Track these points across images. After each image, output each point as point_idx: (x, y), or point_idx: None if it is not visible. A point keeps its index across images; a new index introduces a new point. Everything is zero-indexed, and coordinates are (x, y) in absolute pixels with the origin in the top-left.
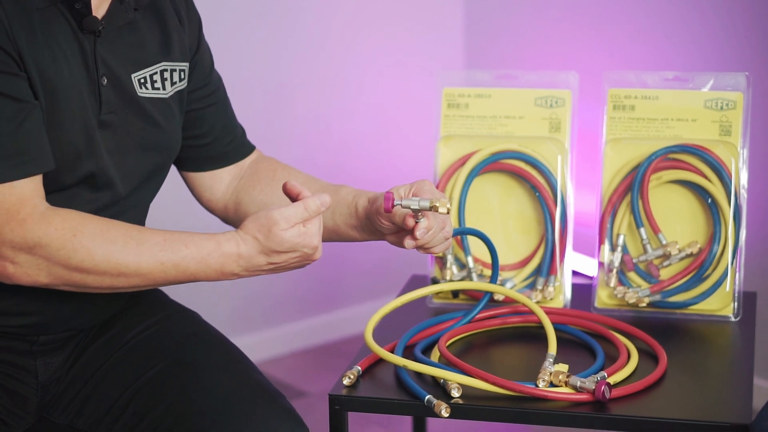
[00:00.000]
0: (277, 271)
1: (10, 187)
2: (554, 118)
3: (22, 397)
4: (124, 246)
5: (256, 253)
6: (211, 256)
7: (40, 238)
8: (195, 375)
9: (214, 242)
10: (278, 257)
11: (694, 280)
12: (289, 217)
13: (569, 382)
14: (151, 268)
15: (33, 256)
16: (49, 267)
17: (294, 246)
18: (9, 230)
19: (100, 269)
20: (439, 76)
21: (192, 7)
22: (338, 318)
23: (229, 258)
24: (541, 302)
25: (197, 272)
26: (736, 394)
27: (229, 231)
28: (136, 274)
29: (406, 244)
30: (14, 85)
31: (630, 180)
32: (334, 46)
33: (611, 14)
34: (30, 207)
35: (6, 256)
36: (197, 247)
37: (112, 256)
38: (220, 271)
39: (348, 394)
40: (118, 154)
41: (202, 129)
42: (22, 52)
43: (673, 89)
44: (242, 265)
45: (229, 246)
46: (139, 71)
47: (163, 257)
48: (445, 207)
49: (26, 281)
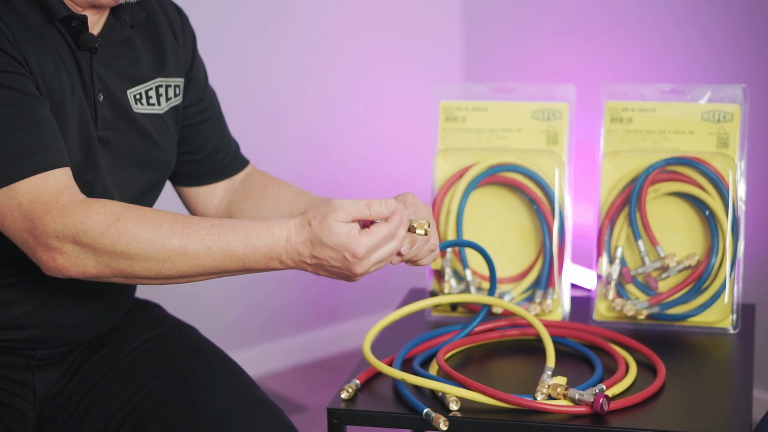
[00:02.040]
0: (319, 270)
1: (45, 177)
2: (552, 131)
3: (19, 412)
4: (170, 229)
5: (301, 240)
6: (259, 238)
7: (82, 223)
8: (193, 389)
9: (264, 224)
10: (321, 251)
11: (692, 293)
12: (347, 208)
13: (567, 394)
14: (199, 252)
15: (78, 245)
16: (96, 255)
17: (338, 244)
18: (50, 219)
19: (147, 254)
20: (437, 89)
21: (187, 23)
22: (337, 332)
23: (278, 241)
24: (539, 315)
25: (245, 257)
26: (735, 406)
27: (285, 217)
28: (183, 259)
29: (393, 260)
30: (27, 83)
31: (628, 192)
32: (332, 60)
33: (608, 27)
34: (68, 195)
35: (53, 247)
36: (245, 230)
37: (158, 239)
38: (268, 255)
39: (346, 407)
40: (114, 170)
41: (196, 144)
42: (27, 60)
43: (671, 101)
44: (288, 252)
45: (279, 228)
46: (135, 87)
47: (210, 241)
48: (423, 229)
49: (76, 272)
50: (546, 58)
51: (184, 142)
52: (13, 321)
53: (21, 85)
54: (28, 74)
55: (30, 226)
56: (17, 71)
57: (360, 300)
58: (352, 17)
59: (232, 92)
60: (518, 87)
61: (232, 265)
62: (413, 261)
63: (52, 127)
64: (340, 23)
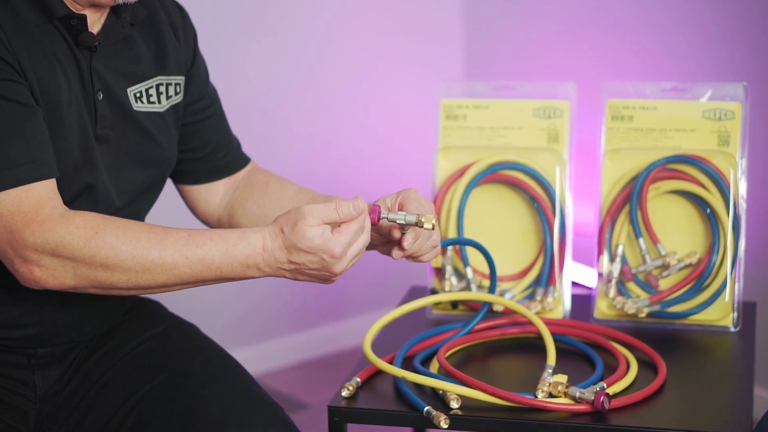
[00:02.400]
0: (298, 275)
1: (27, 190)
2: (552, 129)
3: (20, 410)
4: (148, 241)
5: (277, 247)
6: (236, 247)
7: (62, 237)
8: (194, 388)
9: (240, 233)
10: (298, 256)
11: (693, 291)
12: (316, 213)
13: (568, 392)
14: (177, 263)
15: (57, 258)
16: (75, 267)
17: (313, 247)
18: (30, 233)
19: (126, 266)
20: (438, 87)
21: (188, 21)
22: (337, 330)
23: (254, 249)
24: (540, 313)
25: (222, 266)
26: (736, 404)
27: (259, 226)
28: (161, 270)
29: (394, 254)
30: (19, 91)
31: (629, 190)
32: (332, 58)
33: (609, 25)
34: (48, 208)
35: (31, 259)
36: (222, 239)
37: (137, 251)
38: (245, 263)
39: (347, 405)
40: (114, 168)
41: (198, 142)
42: (22, 64)
43: (672, 99)
44: (266, 259)
45: (254, 236)
46: (135, 86)
47: (187, 251)
48: (430, 223)
49: (54, 284)
50: (547, 56)
51: (185, 140)
52: (14, 319)
53: (13, 93)
54: (23, 81)
55: (9, 237)
56: (10, 78)
57: (360, 298)
58: (353, 16)
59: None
60: (519, 85)
61: (209, 274)
62: (415, 257)
63: (41, 137)
64: (341, 22)
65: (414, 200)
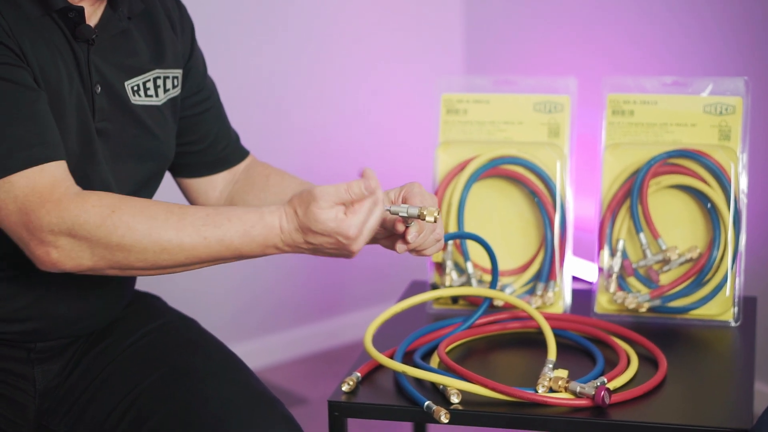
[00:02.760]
0: (318, 253)
1: (41, 170)
2: (553, 124)
3: (20, 405)
4: (165, 221)
5: (294, 228)
6: (254, 228)
7: (77, 216)
8: (193, 382)
9: (257, 214)
10: (314, 238)
11: (694, 285)
12: (327, 196)
13: (569, 387)
14: (195, 243)
15: (74, 238)
16: (92, 247)
17: (328, 230)
18: (45, 212)
19: (142, 245)
20: (438, 82)
21: (185, 14)
22: (338, 324)
23: (272, 230)
24: (540, 308)
25: (241, 246)
26: (737, 399)
27: (275, 204)
28: (179, 250)
29: (398, 248)
30: (24, 76)
31: (629, 185)
32: (333, 52)
33: (610, 20)
34: (63, 188)
35: (47, 241)
36: (240, 220)
37: (154, 231)
38: (264, 244)
39: (347, 400)
40: (112, 162)
41: (196, 135)
42: (25, 51)
43: (672, 94)
44: (284, 240)
45: (272, 218)
46: (132, 79)
47: (206, 232)
48: (432, 216)
49: (71, 266)
50: (547, 51)
51: (183, 133)
52: (13, 313)
53: (18, 77)
54: (26, 66)
55: (25, 219)
56: (15, 63)
57: (361, 292)
58: (355, 10)
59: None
60: (520, 79)
61: (228, 254)
62: (418, 251)
63: (48, 120)
64: (342, 16)
65: (417, 194)
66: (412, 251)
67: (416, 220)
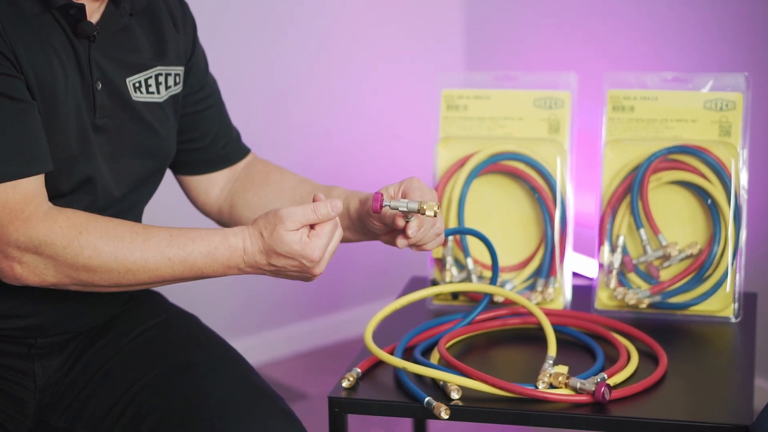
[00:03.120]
0: (279, 275)
1: (14, 186)
2: (553, 120)
3: (20, 400)
4: (131, 242)
5: (257, 250)
6: (217, 250)
7: (45, 236)
8: (194, 378)
9: (221, 235)
10: (277, 260)
11: (694, 281)
12: (294, 217)
13: (569, 383)
14: (159, 264)
15: (39, 256)
16: (56, 266)
17: (292, 252)
18: (14, 229)
19: (108, 266)
20: (439, 77)
21: (187, 11)
22: (338, 320)
23: (235, 252)
24: (541, 303)
25: (204, 267)
26: (737, 395)
27: (240, 226)
28: (143, 270)
29: (399, 243)
30: (13, 86)
31: (630, 181)
32: (333, 49)
33: (610, 15)
34: (34, 206)
35: (13, 256)
36: (204, 241)
37: (119, 252)
38: (226, 265)
39: (347, 396)
40: (113, 159)
41: (197, 132)
42: (18, 56)
43: (673, 90)
44: (246, 261)
45: (235, 239)
46: (134, 76)
47: (170, 253)
48: (432, 210)
49: (34, 281)
50: (548, 47)
51: (185, 131)
52: (13, 309)
53: (5, 88)
54: (18, 74)
55: None
56: (5, 72)
57: (361, 288)
58: (356, 7)
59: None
60: (520, 75)
61: (190, 274)
62: (419, 245)
63: (30, 132)
64: (343, 12)
65: (417, 188)
66: (412, 246)
67: (416, 214)
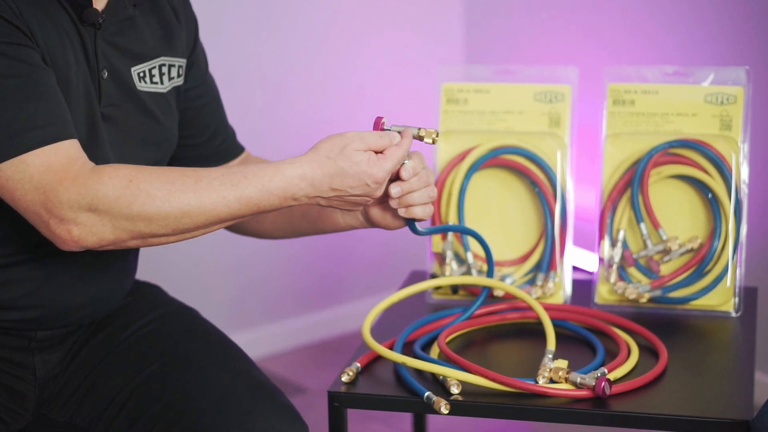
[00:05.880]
0: (333, 202)
1: (56, 148)
2: (554, 113)
3: (20, 394)
4: (183, 185)
5: (321, 174)
6: (272, 182)
7: (97, 189)
8: (193, 372)
9: (274, 168)
10: (342, 181)
11: (694, 276)
12: (364, 138)
13: (569, 378)
14: (215, 204)
15: (94, 213)
16: (113, 220)
17: (360, 171)
18: (64, 189)
19: (163, 212)
20: (438, 71)
21: (189, 8)
22: (337, 313)
23: (290, 181)
24: (540, 298)
25: (260, 201)
26: (738, 389)
27: (295, 156)
28: (199, 212)
29: (392, 191)
30: (34, 56)
31: (630, 175)
32: (334, 42)
33: (611, 9)
34: (79, 164)
35: (68, 218)
36: (256, 175)
37: (173, 196)
38: (283, 196)
39: (347, 391)
40: (118, 147)
41: (195, 128)
42: (34, 33)
43: (673, 84)
44: (304, 189)
45: (291, 169)
46: (139, 65)
47: (224, 191)
48: (430, 137)
49: (93, 242)
50: (548, 40)
51: (182, 126)
52: (13, 302)
53: (28, 57)
54: (35, 46)
55: (43, 198)
56: (24, 43)
57: (361, 282)
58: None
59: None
60: (520, 69)
61: (247, 210)
62: (409, 204)
63: (59, 99)
64: (343, 6)
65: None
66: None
67: (413, 155)
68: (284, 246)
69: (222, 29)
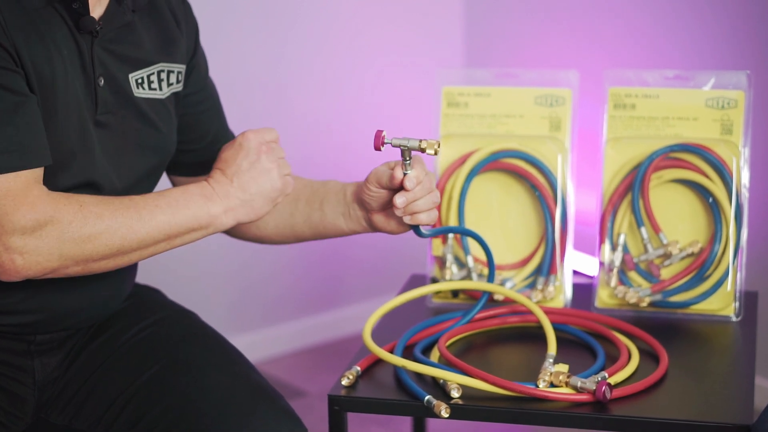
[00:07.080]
0: (253, 187)
1: (16, 175)
2: (554, 117)
3: (19, 397)
4: (121, 202)
5: (221, 181)
6: (188, 187)
7: (52, 214)
8: (193, 375)
9: (185, 186)
10: (240, 174)
11: (695, 280)
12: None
13: (570, 382)
14: (152, 213)
15: (44, 239)
16: (61, 245)
17: (237, 145)
18: (21, 216)
19: (111, 229)
20: (439, 74)
21: (190, 12)
22: (337, 317)
23: (204, 188)
24: (541, 302)
25: (190, 206)
26: (738, 394)
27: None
28: (140, 224)
29: (397, 201)
30: (12, 79)
31: (631, 179)
32: (334, 45)
33: (612, 13)
34: (37, 190)
35: (14, 247)
36: (180, 188)
37: (118, 213)
38: (203, 194)
39: (347, 394)
40: (115, 155)
41: (195, 134)
42: (18, 49)
43: (674, 88)
44: (216, 190)
45: (195, 184)
46: (136, 71)
47: (159, 201)
48: (432, 148)
49: (36, 270)
50: (549, 44)
51: (183, 132)
52: (13, 305)
53: (6, 81)
54: (18, 69)
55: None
56: (5, 66)
57: (361, 285)
58: (356, 2)
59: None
60: (521, 72)
61: (184, 221)
62: (414, 212)
63: (31, 126)
64: (343, 9)
65: (418, 161)
66: (408, 211)
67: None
68: (284, 249)
69: (221, 30)
